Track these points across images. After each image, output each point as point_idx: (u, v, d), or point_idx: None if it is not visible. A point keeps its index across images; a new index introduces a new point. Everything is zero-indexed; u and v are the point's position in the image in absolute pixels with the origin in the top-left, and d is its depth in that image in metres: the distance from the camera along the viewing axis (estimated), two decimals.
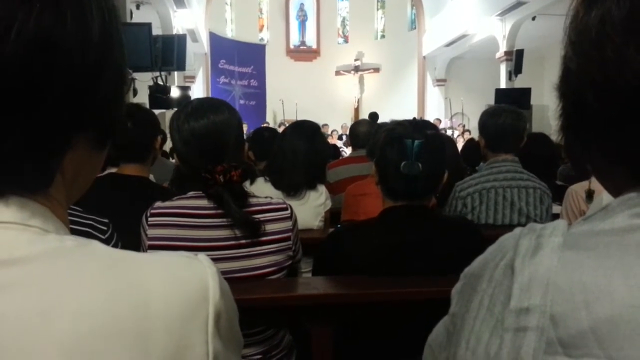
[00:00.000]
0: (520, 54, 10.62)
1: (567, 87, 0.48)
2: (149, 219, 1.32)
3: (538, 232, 0.45)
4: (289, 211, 1.42)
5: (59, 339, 0.36)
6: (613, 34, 0.41)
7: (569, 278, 0.40)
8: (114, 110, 0.47)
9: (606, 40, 0.41)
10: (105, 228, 1.35)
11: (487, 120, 2.25)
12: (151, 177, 2.25)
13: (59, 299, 0.37)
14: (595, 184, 2.14)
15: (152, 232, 1.31)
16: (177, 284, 0.42)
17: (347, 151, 7.89)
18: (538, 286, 0.41)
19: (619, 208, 0.43)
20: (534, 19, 10.14)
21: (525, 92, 9.44)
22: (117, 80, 0.46)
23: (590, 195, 2.16)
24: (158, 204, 1.34)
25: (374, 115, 9.98)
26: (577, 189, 2.22)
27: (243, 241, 1.32)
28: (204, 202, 1.31)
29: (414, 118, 1.50)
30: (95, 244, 0.43)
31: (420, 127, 1.36)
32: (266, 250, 1.35)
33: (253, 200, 1.37)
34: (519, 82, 10.66)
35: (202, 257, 0.46)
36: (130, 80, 0.50)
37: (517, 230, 0.48)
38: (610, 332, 0.37)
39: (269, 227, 1.35)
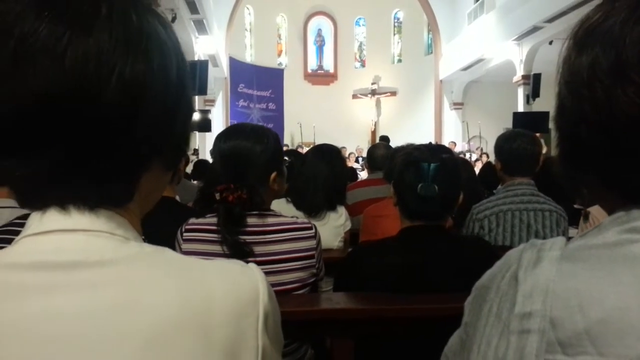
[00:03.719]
0: (537, 78, 10.58)
1: (563, 121, 0.53)
2: (184, 234, 1.40)
3: (539, 247, 0.51)
4: (313, 230, 1.48)
5: (140, 327, 0.43)
6: (602, 77, 0.46)
7: (566, 286, 0.45)
8: (185, 137, 0.55)
9: (596, 82, 0.47)
10: None
11: (502, 144, 2.28)
12: (177, 197, 2.34)
13: (141, 295, 0.45)
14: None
15: (186, 246, 1.38)
16: (234, 286, 0.49)
17: (361, 175, 7.91)
18: (539, 293, 0.46)
19: (610, 225, 0.48)
20: (550, 43, 10.14)
21: (544, 116, 9.34)
22: (188, 111, 0.54)
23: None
24: (192, 220, 1.42)
25: (385, 138, 9.98)
26: (594, 212, 2.24)
27: (268, 258, 1.38)
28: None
29: (430, 142, 1.57)
30: (168, 251, 0.50)
31: (436, 151, 1.42)
32: (291, 267, 1.41)
33: (279, 219, 1.43)
34: (537, 106, 10.59)
35: (253, 265, 0.54)
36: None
37: (521, 245, 0.54)
38: (601, 332, 0.42)
39: (294, 245, 1.41)
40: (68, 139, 0.44)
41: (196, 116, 9.45)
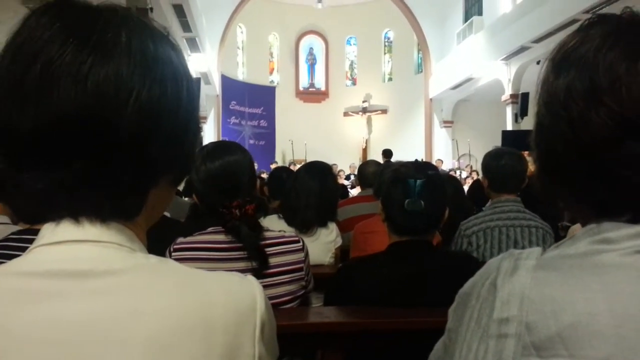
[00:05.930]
0: (525, 97, 10.74)
1: (541, 139, 0.57)
2: (172, 254, 1.40)
3: (516, 256, 0.55)
4: (300, 244, 1.51)
5: (145, 333, 0.46)
6: (578, 99, 0.51)
7: (540, 292, 0.49)
8: (192, 155, 0.58)
9: (572, 103, 0.51)
10: None
11: (489, 162, 2.33)
12: (167, 214, 2.36)
13: (145, 302, 0.47)
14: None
15: None
16: (233, 295, 0.52)
17: (352, 192, 7.94)
18: (515, 300, 0.50)
19: (583, 236, 0.52)
20: (538, 62, 10.31)
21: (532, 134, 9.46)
22: (196, 131, 0.57)
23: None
24: (180, 239, 1.43)
25: (388, 152, 9.97)
26: (577, 229, 2.29)
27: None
28: (221, 237, 1.40)
29: (416, 160, 1.61)
30: (172, 262, 0.53)
31: (422, 168, 1.48)
32: (281, 281, 1.44)
33: (268, 234, 1.46)
34: (525, 124, 10.73)
35: (251, 277, 0.56)
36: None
37: (501, 255, 0.57)
38: (572, 335, 0.46)
39: (283, 259, 1.44)
40: (86, 155, 0.47)
41: None
